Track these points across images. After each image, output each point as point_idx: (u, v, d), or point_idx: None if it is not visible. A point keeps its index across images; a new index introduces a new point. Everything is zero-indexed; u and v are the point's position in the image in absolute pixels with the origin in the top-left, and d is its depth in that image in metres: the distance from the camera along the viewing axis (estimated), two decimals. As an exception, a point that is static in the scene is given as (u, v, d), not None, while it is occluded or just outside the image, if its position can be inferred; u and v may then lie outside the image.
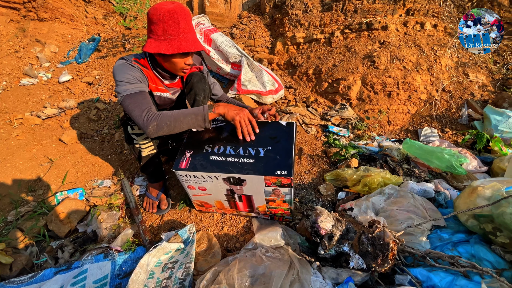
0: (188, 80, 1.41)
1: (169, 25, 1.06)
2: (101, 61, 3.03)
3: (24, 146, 1.99)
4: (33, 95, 2.60)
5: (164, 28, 1.06)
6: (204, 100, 1.47)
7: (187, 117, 1.08)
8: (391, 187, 1.40)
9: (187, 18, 1.09)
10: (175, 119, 1.07)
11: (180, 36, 1.08)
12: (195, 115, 1.09)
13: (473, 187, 1.14)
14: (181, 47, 1.08)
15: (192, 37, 1.12)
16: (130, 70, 1.14)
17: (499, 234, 1.01)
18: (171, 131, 1.08)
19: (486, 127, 2.10)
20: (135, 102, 1.09)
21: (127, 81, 1.11)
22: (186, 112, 1.09)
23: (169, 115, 1.08)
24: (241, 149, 1.11)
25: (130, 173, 1.83)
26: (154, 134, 1.07)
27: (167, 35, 1.08)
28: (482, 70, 2.61)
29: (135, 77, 1.14)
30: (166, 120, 1.06)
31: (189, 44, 1.10)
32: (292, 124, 1.23)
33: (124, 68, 1.14)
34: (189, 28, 1.11)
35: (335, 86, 2.60)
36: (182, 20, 1.07)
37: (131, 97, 1.10)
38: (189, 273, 1.04)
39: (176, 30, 1.07)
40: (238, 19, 3.54)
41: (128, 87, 1.11)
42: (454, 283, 0.91)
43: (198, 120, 1.09)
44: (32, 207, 1.55)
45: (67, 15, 3.20)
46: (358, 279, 1.02)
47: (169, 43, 1.08)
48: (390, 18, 2.79)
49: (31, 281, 1.10)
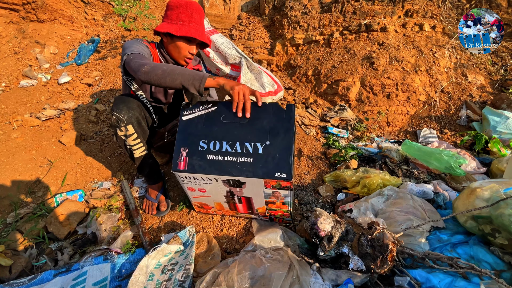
0: None
1: (183, 12, 1.21)
2: (101, 63, 3.03)
3: (24, 148, 1.99)
4: (32, 96, 2.61)
5: (178, 14, 1.21)
6: (201, 98, 1.45)
7: (186, 73, 1.04)
8: (390, 188, 1.40)
9: (200, 13, 1.24)
10: (172, 69, 1.04)
11: (190, 24, 1.22)
12: (193, 75, 1.04)
13: (471, 188, 1.14)
14: (189, 32, 1.20)
15: (201, 28, 1.25)
16: (141, 44, 1.25)
17: (497, 235, 1.01)
18: (162, 79, 1.04)
19: (485, 128, 2.10)
20: (136, 57, 1.13)
21: (135, 48, 1.19)
22: (184, 69, 1.07)
23: (168, 65, 1.09)
24: (238, 145, 1.05)
25: (129, 174, 1.83)
26: (144, 75, 1.04)
27: (179, 20, 1.22)
28: (480, 71, 2.62)
29: (143, 50, 1.23)
30: (164, 65, 1.07)
31: (197, 32, 1.22)
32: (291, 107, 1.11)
33: (135, 42, 1.24)
34: (200, 22, 1.25)
35: (334, 87, 2.60)
36: (196, 12, 1.22)
37: (136, 55, 1.15)
38: (188, 275, 1.04)
39: (188, 17, 1.21)
40: (238, 20, 3.54)
41: (135, 49, 1.19)
42: (453, 284, 0.91)
43: (195, 80, 1.03)
44: (32, 209, 1.55)
45: (67, 17, 3.21)
46: (357, 280, 1.02)
47: (179, 26, 1.21)
48: (389, 20, 2.80)
49: (30, 283, 1.10)
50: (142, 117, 1.30)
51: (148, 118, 1.37)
